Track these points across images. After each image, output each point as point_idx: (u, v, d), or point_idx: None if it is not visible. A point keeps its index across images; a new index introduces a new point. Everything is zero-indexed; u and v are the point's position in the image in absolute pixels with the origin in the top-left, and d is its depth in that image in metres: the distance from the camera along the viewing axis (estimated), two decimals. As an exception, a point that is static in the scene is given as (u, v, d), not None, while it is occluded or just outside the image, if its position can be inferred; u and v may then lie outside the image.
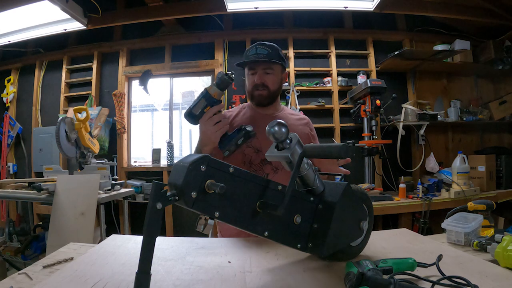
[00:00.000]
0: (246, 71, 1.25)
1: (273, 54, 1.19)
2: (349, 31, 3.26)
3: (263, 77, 1.20)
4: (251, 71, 1.22)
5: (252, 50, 1.19)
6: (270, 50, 1.18)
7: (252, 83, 1.22)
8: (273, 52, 1.19)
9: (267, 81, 1.21)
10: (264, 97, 1.22)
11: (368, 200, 0.83)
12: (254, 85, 1.22)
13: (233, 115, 1.31)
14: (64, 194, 2.19)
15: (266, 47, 1.19)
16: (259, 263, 0.80)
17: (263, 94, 1.22)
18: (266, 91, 1.22)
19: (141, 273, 0.49)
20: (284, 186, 0.65)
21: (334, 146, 0.61)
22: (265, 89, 1.21)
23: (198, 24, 3.26)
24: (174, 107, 3.41)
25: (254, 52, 1.18)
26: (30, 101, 3.45)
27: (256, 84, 1.21)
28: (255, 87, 1.22)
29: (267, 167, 1.21)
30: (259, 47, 1.19)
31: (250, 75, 1.23)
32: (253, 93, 1.23)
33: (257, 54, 1.18)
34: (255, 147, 1.23)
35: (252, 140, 1.08)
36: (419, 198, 2.54)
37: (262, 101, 1.24)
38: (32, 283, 0.73)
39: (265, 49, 1.18)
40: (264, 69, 1.20)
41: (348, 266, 0.65)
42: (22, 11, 2.59)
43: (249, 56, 1.19)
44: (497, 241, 0.95)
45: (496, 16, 2.93)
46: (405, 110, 2.86)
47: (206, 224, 0.87)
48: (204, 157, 0.55)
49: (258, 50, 1.18)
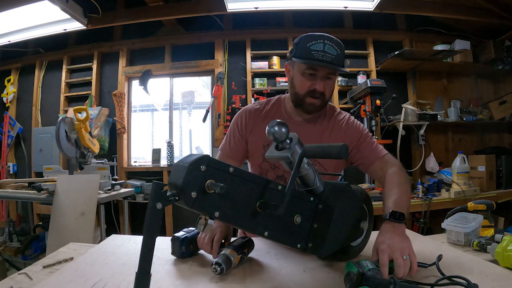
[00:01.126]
0: (300, 67, 0.99)
1: (341, 56, 0.96)
2: (349, 31, 3.26)
3: (324, 85, 0.99)
4: (310, 71, 0.97)
5: (318, 45, 0.93)
6: (339, 51, 0.95)
7: (309, 87, 0.99)
8: (341, 54, 0.96)
9: (326, 89, 1.00)
10: (316, 106, 1.02)
11: (368, 200, 0.83)
12: (310, 91, 0.99)
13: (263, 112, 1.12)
14: (64, 194, 2.19)
15: (336, 46, 0.95)
16: (259, 263, 0.80)
17: (316, 104, 1.01)
18: (320, 101, 1.01)
19: (141, 273, 0.49)
20: (284, 186, 0.65)
21: (335, 146, 0.61)
22: (319, 98, 1.00)
23: (198, 24, 3.26)
24: (174, 107, 3.41)
25: (321, 48, 0.93)
26: (30, 101, 3.45)
27: (314, 90, 0.98)
28: (310, 94, 0.99)
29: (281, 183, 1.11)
30: (327, 43, 0.93)
31: (306, 75, 0.98)
32: (305, 99, 1.01)
33: (325, 52, 0.93)
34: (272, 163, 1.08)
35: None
36: (419, 198, 2.54)
37: (312, 110, 1.04)
38: (32, 283, 0.73)
39: (334, 49, 0.94)
40: (327, 74, 0.98)
41: (348, 266, 0.65)
42: (22, 11, 2.59)
43: (314, 53, 0.93)
44: (497, 241, 0.95)
45: (496, 16, 2.93)
46: (405, 110, 2.86)
47: (206, 224, 0.86)
48: (204, 157, 0.55)
49: (327, 48, 0.93)
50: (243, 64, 3.18)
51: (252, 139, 1.11)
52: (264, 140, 1.07)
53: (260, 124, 1.10)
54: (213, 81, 3.26)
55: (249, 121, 1.11)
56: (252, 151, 1.12)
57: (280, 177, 1.09)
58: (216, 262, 0.71)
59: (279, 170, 1.08)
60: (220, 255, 0.74)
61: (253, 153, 1.12)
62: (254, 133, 1.10)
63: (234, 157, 1.16)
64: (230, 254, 0.74)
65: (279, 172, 1.09)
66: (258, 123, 1.10)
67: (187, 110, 3.43)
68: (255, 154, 1.11)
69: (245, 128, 1.12)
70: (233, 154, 1.16)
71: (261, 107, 1.14)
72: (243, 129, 1.12)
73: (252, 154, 1.13)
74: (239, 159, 1.17)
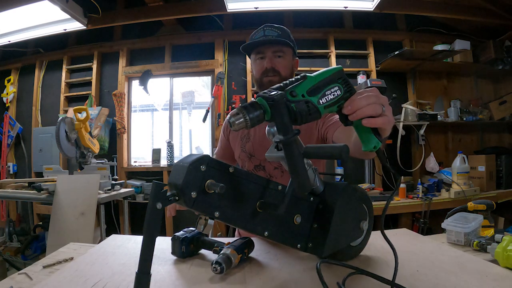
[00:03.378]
0: (253, 57, 1.10)
1: (284, 36, 1.05)
2: (349, 31, 3.26)
3: (274, 61, 1.05)
4: (259, 55, 1.07)
5: (259, 33, 1.05)
6: (280, 32, 1.05)
7: (261, 68, 1.07)
8: (284, 34, 1.05)
9: (278, 66, 1.06)
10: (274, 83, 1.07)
11: (368, 200, 0.83)
12: (263, 71, 1.06)
13: None
14: (64, 194, 2.19)
15: (275, 29, 1.05)
16: (259, 263, 0.80)
17: (273, 80, 1.06)
18: (277, 77, 1.06)
19: (141, 273, 0.49)
20: (284, 186, 0.65)
21: (335, 146, 0.61)
22: (276, 75, 1.06)
23: (198, 24, 3.26)
24: (174, 107, 3.41)
25: (262, 34, 1.05)
26: (30, 101, 3.45)
27: (266, 69, 1.05)
28: (265, 73, 1.06)
29: (260, 174, 1.12)
30: (267, 29, 1.05)
31: (258, 59, 1.08)
32: (262, 80, 1.08)
33: (266, 36, 1.04)
34: (248, 152, 1.14)
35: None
36: (419, 198, 2.54)
37: None
38: (32, 283, 0.73)
39: (275, 31, 1.04)
40: (275, 52, 1.05)
41: None
42: (22, 11, 2.59)
43: (257, 40, 1.05)
44: (497, 241, 0.95)
45: (496, 16, 2.93)
46: (405, 110, 2.86)
47: (206, 224, 0.86)
48: (204, 157, 0.55)
49: (267, 32, 1.04)
50: (243, 64, 3.18)
51: (232, 136, 1.21)
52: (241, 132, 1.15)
53: None
54: (213, 81, 3.26)
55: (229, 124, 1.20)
56: (233, 146, 1.21)
57: (257, 166, 1.14)
58: (216, 262, 0.71)
59: (256, 159, 1.14)
60: (221, 254, 0.74)
61: (234, 147, 1.20)
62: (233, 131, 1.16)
63: (224, 157, 1.27)
64: (231, 254, 0.74)
65: (256, 162, 1.14)
66: None
67: (187, 110, 3.43)
68: (235, 148, 1.19)
69: (226, 129, 1.25)
70: (223, 154, 1.28)
71: None
72: (225, 130, 1.25)
73: (234, 149, 1.21)
74: (228, 158, 1.26)
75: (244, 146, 1.15)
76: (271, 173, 1.12)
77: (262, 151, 1.11)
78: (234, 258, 0.74)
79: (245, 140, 1.15)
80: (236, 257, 0.74)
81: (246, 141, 1.15)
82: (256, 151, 1.13)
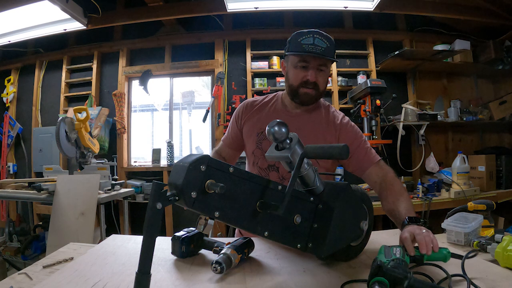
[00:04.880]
0: (293, 61, 1.07)
1: (331, 49, 1.03)
2: (349, 31, 3.26)
3: (317, 75, 1.05)
4: (303, 63, 1.04)
5: (308, 39, 1.01)
6: (328, 44, 1.02)
7: (302, 78, 1.05)
8: (331, 46, 1.03)
9: (319, 80, 1.06)
10: (311, 97, 1.07)
11: (368, 200, 0.83)
12: (303, 82, 1.05)
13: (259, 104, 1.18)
14: (64, 194, 2.19)
15: (325, 39, 1.02)
16: (259, 263, 0.80)
17: (311, 94, 1.06)
18: (314, 91, 1.06)
19: (141, 273, 0.49)
20: (284, 186, 0.65)
21: (335, 146, 0.61)
22: (314, 89, 1.06)
23: (198, 24, 3.26)
24: (174, 107, 3.41)
25: (311, 42, 1.00)
26: (30, 101, 3.45)
27: (308, 81, 1.04)
28: (304, 84, 1.05)
29: (273, 174, 1.11)
30: (317, 37, 1.01)
31: (299, 68, 1.05)
32: (299, 90, 1.07)
33: (315, 45, 1.00)
34: (264, 150, 1.11)
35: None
36: (419, 198, 2.54)
37: (308, 101, 1.09)
38: (32, 283, 0.73)
39: (324, 42, 1.01)
40: (319, 65, 1.04)
41: (380, 250, 0.69)
42: (22, 11, 2.59)
43: (305, 46, 1.00)
44: (497, 241, 0.94)
45: (496, 16, 2.93)
46: (405, 110, 2.86)
47: (206, 224, 0.86)
48: (204, 157, 0.55)
49: (316, 41, 1.00)
50: (243, 64, 3.18)
51: (246, 128, 1.18)
52: (258, 127, 1.14)
53: (254, 113, 1.17)
54: (213, 81, 3.26)
55: (244, 112, 1.19)
56: (246, 139, 1.18)
57: (271, 166, 1.13)
58: (216, 261, 0.71)
59: None
60: (221, 254, 0.74)
61: (247, 140, 1.17)
62: (248, 122, 1.17)
63: (232, 146, 1.25)
64: (231, 254, 0.74)
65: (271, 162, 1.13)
66: (253, 112, 1.18)
67: (187, 110, 3.43)
68: (249, 142, 1.17)
69: (240, 119, 1.20)
70: (231, 143, 1.25)
71: (259, 99, 1.22)
72: (239, 120, 1.20)
73: (246, 142, 1.19)
74: (237, 148, 1.25)
75: (260, 143, 1.13)
76: (284, 175, 1.10)
77: None
78: (234, 258, 0.74)
79: (262, 137, 1.13)
80: (236, 257, 0.74)
81: (263, 138, 1.12)
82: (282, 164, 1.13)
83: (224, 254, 0.74)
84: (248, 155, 1.20)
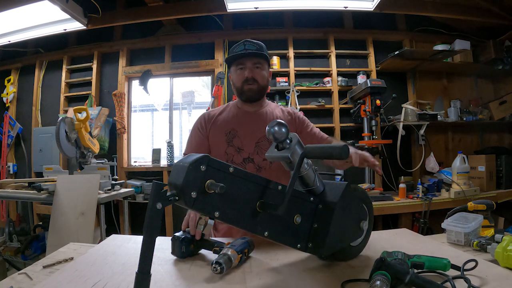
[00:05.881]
0: (234, 69, 1.25)
1: (261, 49, 1.21)
2: (349, 31, 3.26)
3: (253, 71, 1.21)
4: (240, 66, 1.22)
5: (240, 47, 1.20)
6: (258, 47, 1.21)
7: (242, 78, 1.22)
8: (261, 48, 1.21)
9: (256, 76, 1.21)
10: (254, 91, 1.22)
11: (368, 200, 0.83)
12: (244, 80, 1.21)
13: (217, 113, 1.31)
14: (64, 194, 2.19)
15: (254, 44, 1.20)
16: (259, 263, 0.80)
17: (253, 88, 1.22)
18: (256, 86, 1.22)
19: (141, 273, 0.49)
20: (284, 186, 0.65)
21: (335, 146, 0.61)
22: (255, 84, 1.22)
23: (198, 24, 3.26)
24: (174, 107, 3.41)
25: (242, 48, 1.20)
26: (30, 101, 3.44)
27: (247, 78, 1.20)
28: (245, 82, 1.21)
29: (249, 166, 1.20)
30: (247, 43, 1.20)
31: (238, 70, 1.23)
32: (242, 88, 1.23)
33: (246, 49, 1.19)
34: (236, 146, 1.22)
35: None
36: (419, 198, 2.54)
37: (252, 96, 1.24)
38: (32, 283, 0.73)
39: (254, 45, 1.20)
40: (254, 64, 1.21)
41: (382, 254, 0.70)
42: (22, 11, 2.58)
43: (238, 52, 1.20)
44: (497, 241, 0.95)
45: (496, 16, 2.93)
46: (405, 110, 2.86)
47: (206, 224, 0.87)
48: (204, 157, 0.55)
49: (247, 46, 1.19)
50: (243, 64, 3.17)
51: (213, 133, 1.26)
52: (225, 127, 1.25)
53: (216, 120, 1.29)
54: (213, 81, 3.26)
55: (207, 121, 1.29)
56: (215, 142, 1.26)
57: (246, 159, 1.21)
58: (216, 262, 0.71)
59: (245, 153, 1.21)
60: (221, 254, 0.74)
61: (217, 142, 1.25)
62: (213, 127, 1.27)
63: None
64: (231, 254, 0.74)
65: (244, 155, 1.21)
66: (215, 120, 1.29)
67: (187, 110, 3.43)
68: (219, 143, 1.25)
69: (205, 127, 1.29)
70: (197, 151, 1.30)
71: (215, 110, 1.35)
72: (203, 128, 1.29)
73: (216, 145, 1.26)
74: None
75: (231, 141, 1.23)
76: (260, 164, 1.21)
77: (250, 145, 1.21)
78: (234, 258, 0.74)
79: (231, 135, 1.24)
80: (236, 257, 0.75)
81: (232, 136, 1.23)
82: (245, 145, 1.22)
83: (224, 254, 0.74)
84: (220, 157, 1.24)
